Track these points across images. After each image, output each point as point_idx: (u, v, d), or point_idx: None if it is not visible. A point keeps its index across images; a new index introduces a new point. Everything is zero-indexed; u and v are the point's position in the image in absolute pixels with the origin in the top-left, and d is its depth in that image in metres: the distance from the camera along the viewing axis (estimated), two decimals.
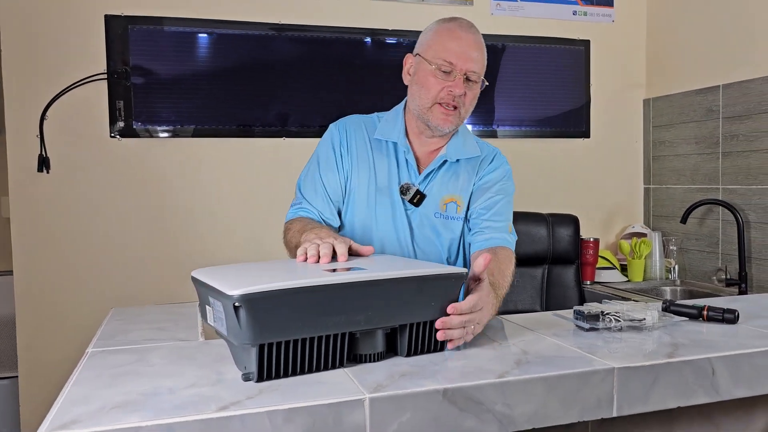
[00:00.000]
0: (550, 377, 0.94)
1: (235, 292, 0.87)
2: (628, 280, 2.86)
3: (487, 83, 1.47)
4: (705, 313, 1.25)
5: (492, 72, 2.86)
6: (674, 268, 2.86)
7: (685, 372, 1.01)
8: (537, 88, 2.94)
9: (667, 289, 2.80)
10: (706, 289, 2.66)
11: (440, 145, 1.51)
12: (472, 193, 1.52)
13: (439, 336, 1.03)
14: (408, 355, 1.03)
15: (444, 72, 1.40)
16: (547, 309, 2.61)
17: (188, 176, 2.51)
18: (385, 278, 0.97)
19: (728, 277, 2.58)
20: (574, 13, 2.98)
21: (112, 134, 2.41)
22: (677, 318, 1.26)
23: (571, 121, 3.01)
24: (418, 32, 1.51)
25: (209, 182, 2.54)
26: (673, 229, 2.93)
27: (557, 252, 2.61)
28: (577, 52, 2.99)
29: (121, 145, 2.42)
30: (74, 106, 2.38)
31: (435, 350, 1.05)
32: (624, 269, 2.92)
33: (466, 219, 1.52)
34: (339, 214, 1.52)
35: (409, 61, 1.50)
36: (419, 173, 1.50)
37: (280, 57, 2.57)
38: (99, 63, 2.38)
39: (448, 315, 1.03)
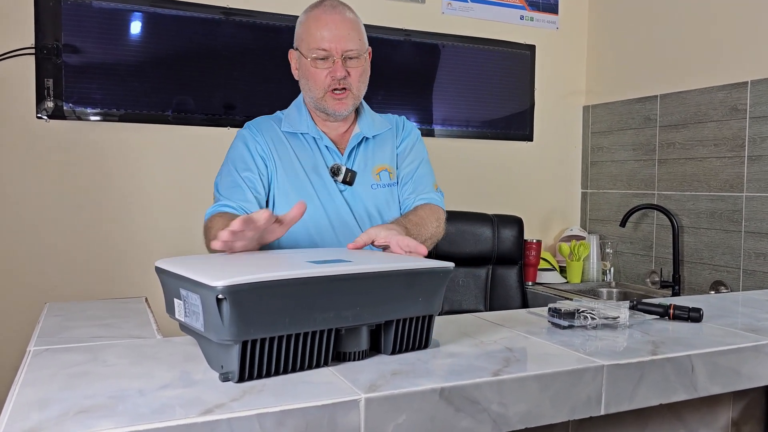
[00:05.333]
0: (544, 375, 0.91)
1: (219, 283, 0.79)
2: (567, 282, 2.92)
3: (370, 48, 1.50)
4: (671, 311, 1.28)
5: (438, 70, 2.85)
6: (610, 270, 2.95)
7: (668, 369, 1.01)
8: (484, 89, 2.96)
9: (604, 290, 2.88)
10: (640, 291, 2.76)
11: (349, 124, 1.54)
12: (396, 156, 1.56)
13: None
14: (392, 353, 0.97)
15: (322, 59, 1.42)
16: (491, 309, 2.62)
17: (122, 164, 2.35)
18: (380, 271, 0.91)
19: (662, 279, 2.69)
20: (521, 17, 3.03)
21: (39, 115, 2.21)
22: (647, 316, 1.27)
23: (516, 123, 3.05)
24: (373, 26, 1.49)
25: (144, 171, 2.38)
26: (608, 232, 3.03)
27: (501, 252, 2.63)
28: (523, 57, 3.04)
29: (50, 127, 2.23)
30: None
31: (419, 348, 1.00)
32: (563, 271, 2.99)
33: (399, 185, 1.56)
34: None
35: (293, 57, 1.50)
36: (342, 154, 1.51)
37: (227, 43, 2.45)
38: (26, 36, 2.18)
39: (429, 312, 0.99)
